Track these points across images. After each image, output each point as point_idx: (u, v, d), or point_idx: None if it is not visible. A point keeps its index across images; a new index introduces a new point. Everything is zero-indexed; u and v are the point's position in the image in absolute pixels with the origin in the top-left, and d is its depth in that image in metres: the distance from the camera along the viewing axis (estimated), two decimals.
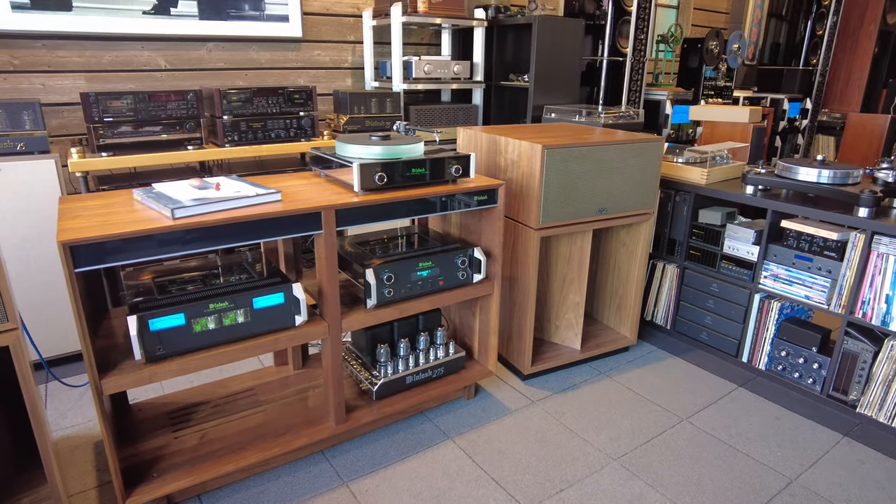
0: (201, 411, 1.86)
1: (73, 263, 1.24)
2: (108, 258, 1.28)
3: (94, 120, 2.14)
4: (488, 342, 2.05)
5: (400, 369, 1.91)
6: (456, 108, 3.19)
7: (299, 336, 1.59)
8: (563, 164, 1.97)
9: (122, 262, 1.30)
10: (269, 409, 1.87)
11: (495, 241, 1.92)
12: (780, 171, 2.24)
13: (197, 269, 1.69)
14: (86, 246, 1.24)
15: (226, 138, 2.42)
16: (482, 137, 2.21)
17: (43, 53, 2.52)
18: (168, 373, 1.43)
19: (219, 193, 1.48)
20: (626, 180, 2.14)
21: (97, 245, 1.25)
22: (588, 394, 2.18)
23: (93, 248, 1.25)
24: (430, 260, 1.80)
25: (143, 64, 2.74)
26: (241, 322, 1.50)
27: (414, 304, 1.79)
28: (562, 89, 3.19)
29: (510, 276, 2.19)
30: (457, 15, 3.06)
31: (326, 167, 1.79)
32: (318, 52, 3.18)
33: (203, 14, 2.79)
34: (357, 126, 2.84)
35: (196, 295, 1.48)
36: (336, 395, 1.73)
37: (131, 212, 1.44)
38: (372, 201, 1.60)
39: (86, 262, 1.26)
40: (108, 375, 1.37)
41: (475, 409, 2.06)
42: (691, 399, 2.18)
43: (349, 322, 1.68)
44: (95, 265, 1.27)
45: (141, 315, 1.37)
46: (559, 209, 2.02)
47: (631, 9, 3.36)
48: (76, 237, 1.23)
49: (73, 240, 1.23)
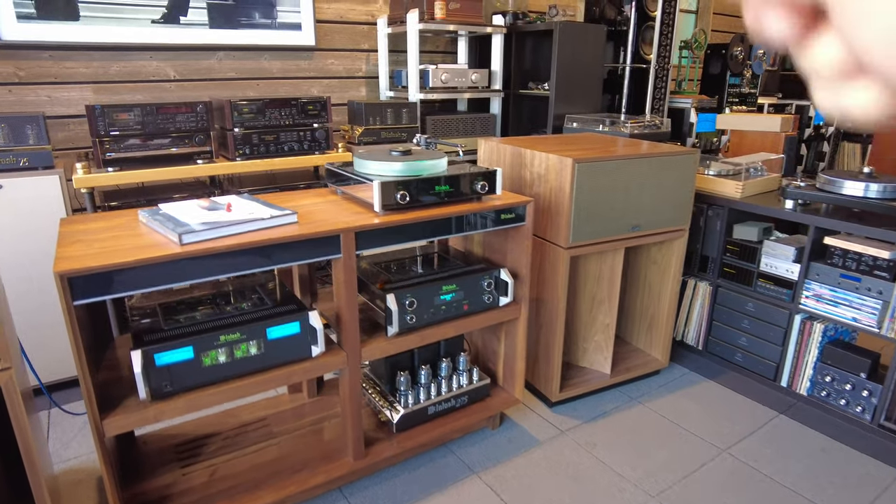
0: (211, 444, 1.75)
1: (71, 296, 1.14)
2: (110, 290, 1.17)
3: (99, 134, 2.04)
4: (514, 368, 1.92)
5: (421, 399, 1.79)
6: (473, 118, 3.08)
7: (316, 368, 1.47)
8: (595, 179, 1.85)
9: (125, 293, 1.20)
10: (283, 442, 1.76)
11: (523, 261, 1.81)
12: (822, 185, 2.10)
13: (206, 294, 1.59)
14: (85, 277, 1.13)
15: (237, 152, 2.32)
16: (505, 150, 2.09)
17: (49, 65, 2.44)
18: (175, 411, 1.32)
19: (230, 215, 1.37)
20: (660, 195, 2.02)
21: (97, 276, 1.15)
22: (620, 422, 2.05)
23: (93, 279, 1.14)
24: (454, 283, 1.69)
25: (151, 74, 2.65)
26: (253, 354, 1.39)
27: (437, 330, 1.68)
28: (583, 98, 3.08)
29: (536, 297, 2.06)
30: (475, 22, 2.96)
31: (343, 183, 1.68)
32: (332, 61, 3.09)
33: (213, 23, 2.70)
34: (372, 138, 2.74)
35: (205, 325, 1.37)
36: (354, 430, 1.61)
37: (136, 235, 1.33)
38: (394, 222, 1.49)
39: (85, 293, 1.15)
40: (111, 415, 1.26)
41: (501, 440, 1.94)
42: (730, 427, 2.04)
43: (369, 351, 1.56)
44: (96, 297, 1.16)
45: (146, 349, 1.26)
46: (590, 226, 1.90)
47: (655, 14, 3.25)
48: (74, 267, 1.13)
49: (70, 270, 1.12)
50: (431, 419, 1.82)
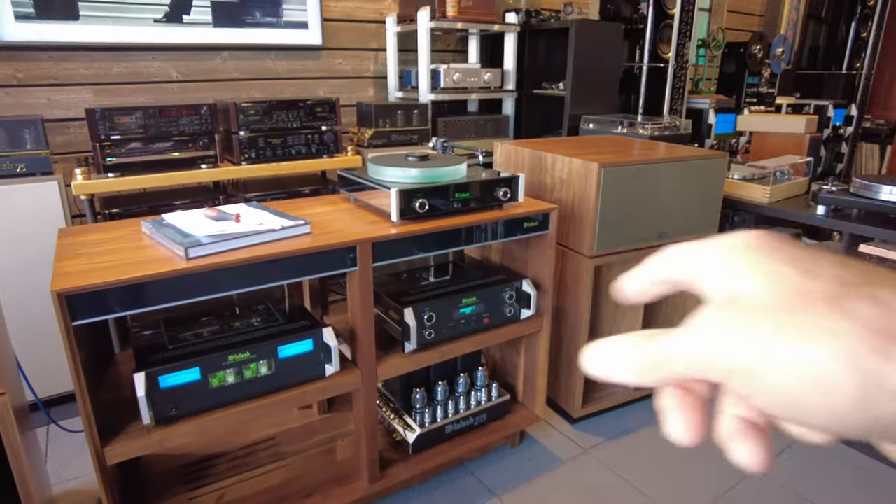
0: (218, 466, 1.66)
1: (69, 316, 1.05)
2: (113, 309, 1.08)
3: (100, 138, 1.96)
4: (535, 383, 1.83)
5: (438, 418, 1.70)
6: (486, 120, 2.98)
7: (330, 388, 1.38)
8: (621, 185, 1.76)
9: (128, 311, 1.11)
10: (293, 464, 1.67)
11: (545, 271, 1.71)
12: (856, 189, 2.01)
13: (212, 307, 1.50)
14: (85, 295, 1.04)
15: (242, 155, 2.23)
16: (524, 153, 2.00)
17: (49, 66, 2.35)
18: (181, 436, 1.23)
19: (239, 226, 1.28)
20: (688, 201, 1.92)
21: (98, 294, 1.06)
22: (645, 439, 1.95)
23: (93, 298, 1.05)
24: (475, 295, 1.59)
25: (153, 75, 2.57)
26: (264, 374, 1.30)
27: (456, 345, 1.59)
28: (599, 98, 2.98)
29: (558, 307, 1.97)
30: (487, 20, 2.87)
31: (357, 190, 1.59)
32: (339, 61, 3.00)
33: (217, 21, 2.61)
34: (383, 140, 2.64)
35: (212, 343, 1.28)
36: (370, 452, 1.52)
37: (139, 248, 1.25)
38: (412, 232, 1.39)
39: (85, 313, 1.06)
40: (113, 442, 1.17)
41: (521, 459, 1.84)
42: None
43: (385, 369, 1.47)
44: (97, 317, 1.07)
45: (150, 371, 1.17)
46: (616, 234, 1.81)
47: (673, 12, 3.15)
48: (73, 285, 1.04)
49: (69, 289, 1.03)
50: (449, 438, 1.73)
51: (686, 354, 0.23)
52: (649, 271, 0.28)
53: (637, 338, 0.26)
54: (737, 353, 0.22)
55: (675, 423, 0.26)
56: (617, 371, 0.26)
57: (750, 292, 0.22)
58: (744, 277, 0.23)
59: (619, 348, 0.26)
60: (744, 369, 0.21)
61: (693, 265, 0.26)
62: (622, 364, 0.26)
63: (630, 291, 0.29)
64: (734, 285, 0.23)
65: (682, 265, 0.26)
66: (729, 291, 0.23)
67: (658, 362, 0.25)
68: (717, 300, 0.24)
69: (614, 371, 0.26)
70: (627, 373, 0.26)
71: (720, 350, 0.22)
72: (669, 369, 0.24)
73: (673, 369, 0.24)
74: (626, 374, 0.26)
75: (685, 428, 0.26)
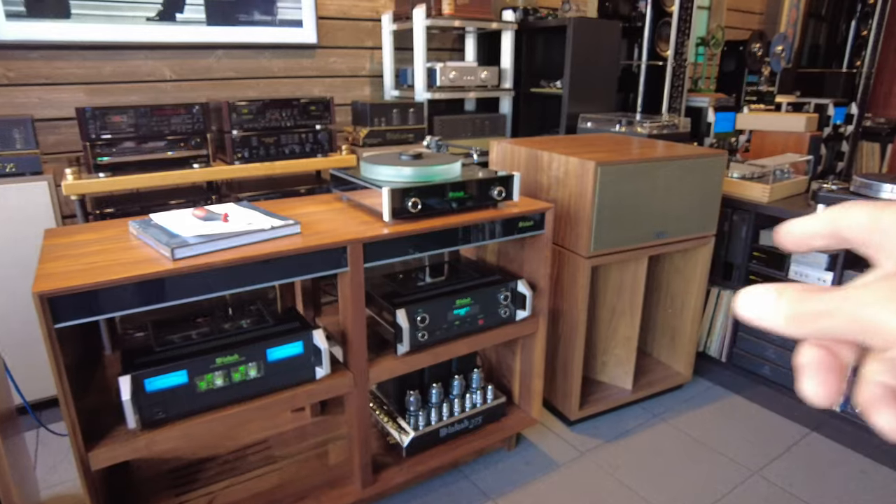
0: (208, 469, 1.64)
1: (52, 318, 1.02)
2: (96, 311, 1.06)
3: (90, 137, 1.93)
4: (531, 386, 1.81)
5: (433, 420, 1.68)
6: (483, 119, 2.96)
7: (320, 391, 1.36)
8: (618, 184, 1.73)
9: (113, 313, 1.08)
10: (285, 467, 1.64)
11: (541, 272, 1.69)
12: (856, 188, 1.98)
13: (201, 307, 1.47)
14: (68, 297, 1.02)
15: (235, 155, 2.21)
16: (520, 152, 1.98)
17: (40, 65, 2.33)
18: (168, 440, 1.20)
19: (227, 226, 1.26)
20: (686, 200, 1.90)
21: (82, 296, 1.03)
22: (643, 441, 1.93)
23: (76, 300, 1.03)
24: (469, 296, 1.57)
25: (147, 74, 2.54)
26: (253, 377, 1.28)
27: (450, 347, 1.56)
28: (597, 96, 2.95)
29: (554, 308, 1.94)
30: (484, 17, 2.84)
31: (349, 189, 1.57)
32: (334, 60, 2.97)
33: (211, 20, 2.58)
34: (378, 140, 2.62)
35: (201, 345, 1.26)
36: (362, 456, 1.49)
37: (126, 249, 1.22)
38: (405, 232, 1.37)
39: (68, 315, 1.04)
40: (98, 446, 1.15)
41: (517, 462, 1.82)
42: (760, 447, 1.92)
43: (377, 372, 1.44)
44: (80, 319, 1.05)
45: (136, 374, 1.14)
46: (613, 234, 1.78)
47: (672, 9, 3.12)
48: (55, 287, 1.01)
49: (51, 290, 1.01)
50: (444, 441, 1.70)
51: (853, 312, 0.23)
52: (823, 222, 0.28)
53: (797, 287, 0.26)
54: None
55: (811, 382, 0.26)
56: (768, 315, 0.26)
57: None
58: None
59: (778, 293, 0.26)
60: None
61: (874, 228, 0.25)
62: (775, 309, 0.26)
63: (795, 237, 0.29)
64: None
65: (861, 224, 0.26)
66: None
67: (818, 314, 0.24)
68: (888, 267, 0.25)
69: (765, 315, 0.26)
70: (778, 319, 0.26)
71: (880, 316, 0.22)
72: (828, 324, 0.24)
73: (832, 324, 0.24)
74: (775, 320, 0.26)
75: (821, 388, 0.26)
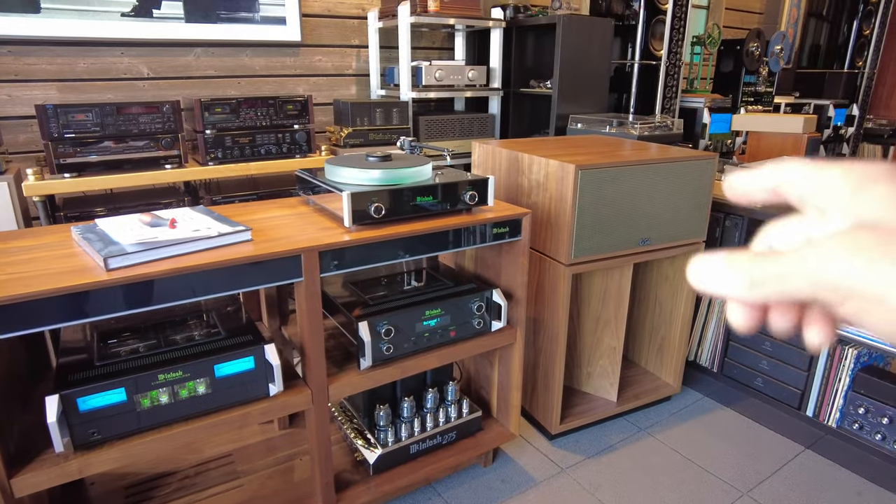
0: (167, 485, 1.56)
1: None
2: (17, 326, 0.97)
3: (52, 136, 1.85)
4: (509, 399, 1.72)
5: (403, 436, 1.59)
6: (471, 119, 2.87)
7: (275, 408, 1.28)
8: (600, 188, 1.64)
9: (37, 328, 1.00)
10: (247, 484, 1.56)
11: (518, 280, 1.60)
12: None
13: (152, 318, 1.39)
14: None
15: (209, 155, 2.13)
16: (501, 154, 1.89)
17: (9, 60, 2.25)
18: (106, 462, 1.12)
19: (173, 233, 1.18)
20: (673, 205, 1.81)
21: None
22: (626, 458, 1.84)
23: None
24: (439, 306, 1.48)
25: (122, 72, 2.47)
26: (201, 393, 1.20)
27: (419, 360, 1.47)
28: (588, 97, 2.87)
29: (535, 317, 1.86)
30: (472, 15, 2.76)
31: (314, 192, 1.49)
32: (319, 58, 2.89)
33: (189, 17, 2.51)
34: (360, 140, 2.54)
35: (143, 362, 1.18)
36: (323, 475, 1.41)
37: (63, 257, 1.14)
38: (366, 239, 1.29)
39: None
40: (23, 471, 1.06)
41: (493, 479, 1.73)
42: (750, 465, 1.83)
43: (338, 388, 1.36)
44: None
45: (66, 394, 1.06)
46: (595, 240, 1.69)
47: (666, 7, 3.03)
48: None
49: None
50: (414, 458, 1.62)
51: (810, 271, 0.24)
52: (762, 176, 0.29)
53: (748, 253, 0.27)
54: (865, 277, 0.22)
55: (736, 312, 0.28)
56: (725, 284, 0.27)
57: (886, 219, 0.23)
58: (879, 205, 0.24)
59: (731, 261, 0.26)
60: (871, 294, 0.22)
61: (813, 183, 0.26)
62: (732, 276, 0.26)
63: (738, 191, 0.30)
64: (865, 212, 0.24)
65: (800, 179, 0.27)
66: (857, 217, 0.24)
67: (777, 277, 0.25)
68: (836, 223, 0.25)
69: (723, 284, 0.27)
70: (738, 287, 0.26)
71: (845, 272, 0.23)
72: (788, 286, 0.25)
73: (793, 286, 0.25)
74: (736, 288, 0.26)
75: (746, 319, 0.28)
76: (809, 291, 0.24)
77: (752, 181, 0.29)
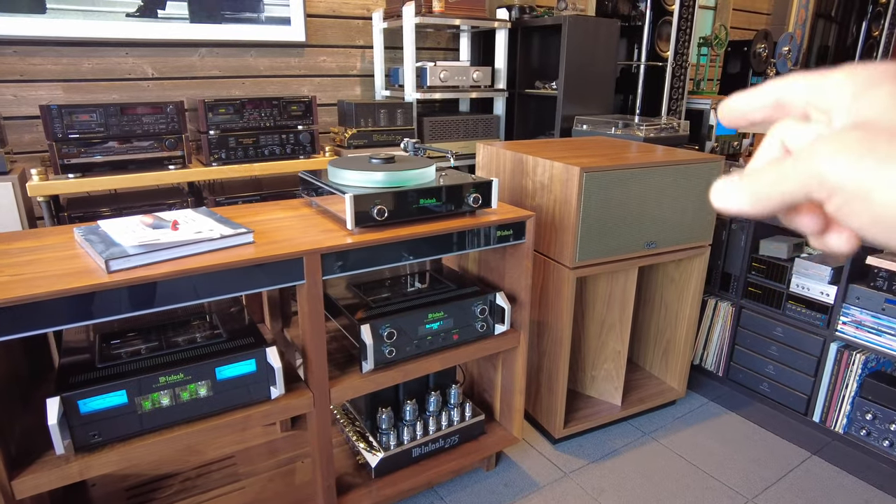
0: (168, 487, 1.56)
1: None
2: (17, 328, 0.97)
3: (56, 136, 1.86)
4: (513, 403, 1.71)
5: (405, 439, 1.58)
6: (475, 120, 2.86)
7: (276, 412, 1.27)
8: (605, 190, 1.63)
9: (37, 331, 1.00)
10: (248, 486, 1.56)
11: (522, 283, 1.59)
12: None
13: (155, 319, 1.39)
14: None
15: (212, 156, 2.13)
16: (505, 156, 1.88)
17: (14, 61, 2.26)
18: (107, 465, 1.12)
19: (175, 235, 1.17)
20: (679, 208, 1.79)
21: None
22: (630, 463, 1.82)
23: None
24: (442, 309, 1.47)
25: (127, 72, 2.47)
26: (203, 396, 1.19)
27: (421, 363, 1.47)
28: (594, 98, 2.85)
29: (538, 320, 1.85)
30: (477, 15, 2.74)
31: (317, 194, 1.48)
32: (324, 59, 2.89)
33: (194, 17, 2.51)
34: (364, 141, 2.53)
35: (144, 364, 1.17)
36: (325, 479, 1.40)
37: (64, 258, 1.14)
38: (369, 242, 1.28)
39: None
40: (24, 472, 1.06)
41: (496, 483, 1.72)
42: (756, 471, 1.81)
43: (340, 391, 1.35)
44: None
45: (66, 396, 1.06)
46: (599, 244, 1.68)
47: (673, 8, 3.01)
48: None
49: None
50: (416, 462, 1.61)
51: (800, 172, 0.24)
52: (762, 93, 0.28)
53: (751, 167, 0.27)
54: (848, 173, 0.22)
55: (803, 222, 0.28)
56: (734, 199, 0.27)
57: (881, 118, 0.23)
58: (878, 105, 0.24)
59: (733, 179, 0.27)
60: (853, 189, 0.22)
61: (818, 88, 0.26)
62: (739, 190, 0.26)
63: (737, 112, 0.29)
64: (864, 112, 0.24)
65: (804, 87, 0.27)
66: (856, 116, 0.24)
67: (774, 182, 0.25)
68: (838, 124, 0.25)
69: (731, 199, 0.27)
70: (742, 199, 0.26)
71: (830, 168, 0.23)
72: (785, 187, 0.25)
73: (790, 187, 0.25)
74: (740, 201, 0.26)
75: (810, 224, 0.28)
76: (802, 192, 0.24)
77: (751, 99, 0.29)
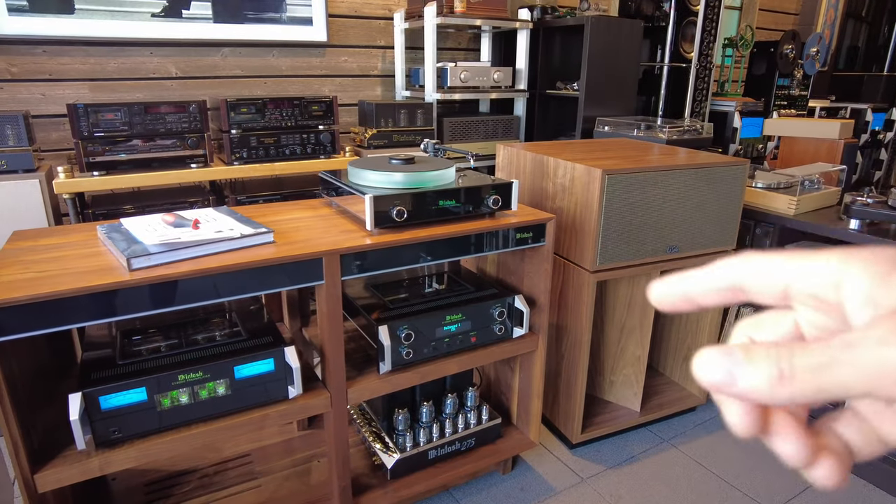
0: (186, 483, 1.57)
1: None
2: (41, 324, 0.98)
3: (82, 135, 1.89)
4: (530, 406, 1.69)
5: (421, 441, 1.58)
6: (495, 121, 2.85)
7: (293, 411, 1.27)
8: (627, 193, 1.61)
9: (60, 327, 1.01)
10: (265, 484, 1.56)
11: (541, 286, 1.57)
12: (895, 202, 1.82)
13: (175, 317, 1.40)
14: (6, 310, 0.95)
15: (234, 155, 2.15)
16: (526, 157, 1.86)
17: (43, 60, 2.30)
18: (126, 461, 1.13)
19: (195, 234, 1.18)
20: (703, 212, 1.76)
21: (23, 308, 0.96)
22: (649, 469, 1.80)
23: (16, 312, 0.96)
24: (460, 311, 1.46)
25: (152, 71, 2.50)
26: (221, 394, 1.20)
27: (439, 365, 1.46)
28: (616, 99, 2.82)
29: (557, 323, 1.83)
30: (498, 16, 2.73)
31: (337, 194, 1.48)
32: (345, 59, 2.90)
33: (218, 17, 2.53)
34: (384, 141, 2.53)
35: (164, 362, 1.18)
36: (341, 479, 1.40)
37: (88, 256, 1.15)
38: (388, 243, 1.27)
39: (6, 329, 0.96)
40: (47, 466, 1.08)
41: (512, 487, 1.70)
42: (777, 480, 1.77)
43: (357, 391, 1.35)
44: (20, 333, 0.97)
45: (88, 392, 1.07)
46: (621, 247, 1.66)
47: (697, 8, 2.96)
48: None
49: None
50: (432, 464, 1.60)
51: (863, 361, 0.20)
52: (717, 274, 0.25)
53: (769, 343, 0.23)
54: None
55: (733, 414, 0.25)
56: (744, 378, 0.22)
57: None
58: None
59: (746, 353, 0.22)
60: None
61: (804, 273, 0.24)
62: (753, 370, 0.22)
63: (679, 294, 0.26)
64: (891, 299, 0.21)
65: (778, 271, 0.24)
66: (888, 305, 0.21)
67: (813, 368, 0.21)
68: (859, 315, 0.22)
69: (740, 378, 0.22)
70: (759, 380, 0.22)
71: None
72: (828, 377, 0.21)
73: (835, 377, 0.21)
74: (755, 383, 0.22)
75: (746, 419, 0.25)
76: (864, 385, 0.21)
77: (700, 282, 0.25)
